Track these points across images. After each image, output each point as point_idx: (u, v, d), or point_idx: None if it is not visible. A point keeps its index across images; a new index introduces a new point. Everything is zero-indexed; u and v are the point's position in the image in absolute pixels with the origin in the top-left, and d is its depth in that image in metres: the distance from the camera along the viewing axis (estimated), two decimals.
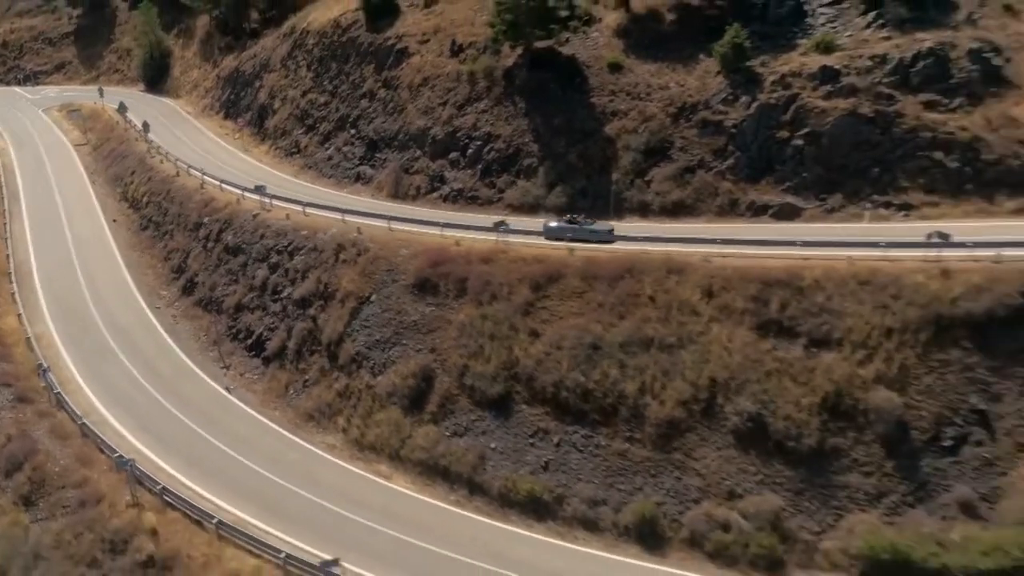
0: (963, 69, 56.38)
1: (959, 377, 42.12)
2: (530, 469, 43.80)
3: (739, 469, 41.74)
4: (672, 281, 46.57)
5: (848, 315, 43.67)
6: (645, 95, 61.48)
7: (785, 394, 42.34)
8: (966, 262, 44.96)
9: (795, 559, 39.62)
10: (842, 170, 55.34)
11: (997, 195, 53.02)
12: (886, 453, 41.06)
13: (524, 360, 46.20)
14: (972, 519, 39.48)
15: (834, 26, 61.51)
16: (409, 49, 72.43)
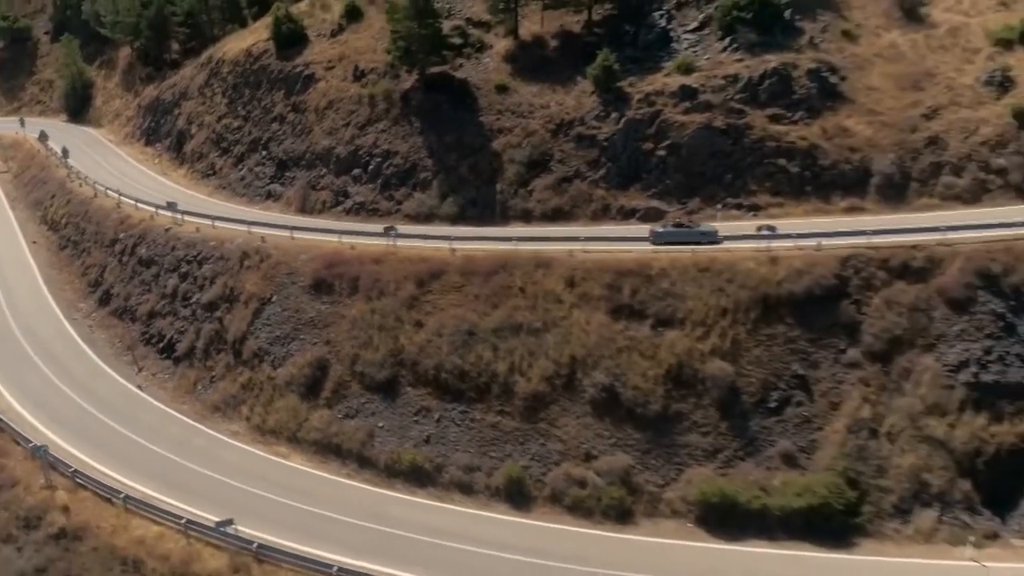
0: (804, 86, 64.40)
1: (783, 348, 49.16)
2: (413, 443, 49.21)
3: (595, 434, 47.80)
4: (540, 274, 52.78)
5: (689, 298, 50.40)
6: (528, 113, 68.05)
7: (634, 367, 48.70)
8: (792, 251, 52.26)
9: (642, 509, 45.72)
10: (700, 177, 62.55)
11: (832, 195, 60.81)
12: (720, 415, 47.68)
13: (409, 347, 51.76)
14: (792, 468, 46.29)
15: (695, 50, 69.12)
16: (316, 75, 78.00)
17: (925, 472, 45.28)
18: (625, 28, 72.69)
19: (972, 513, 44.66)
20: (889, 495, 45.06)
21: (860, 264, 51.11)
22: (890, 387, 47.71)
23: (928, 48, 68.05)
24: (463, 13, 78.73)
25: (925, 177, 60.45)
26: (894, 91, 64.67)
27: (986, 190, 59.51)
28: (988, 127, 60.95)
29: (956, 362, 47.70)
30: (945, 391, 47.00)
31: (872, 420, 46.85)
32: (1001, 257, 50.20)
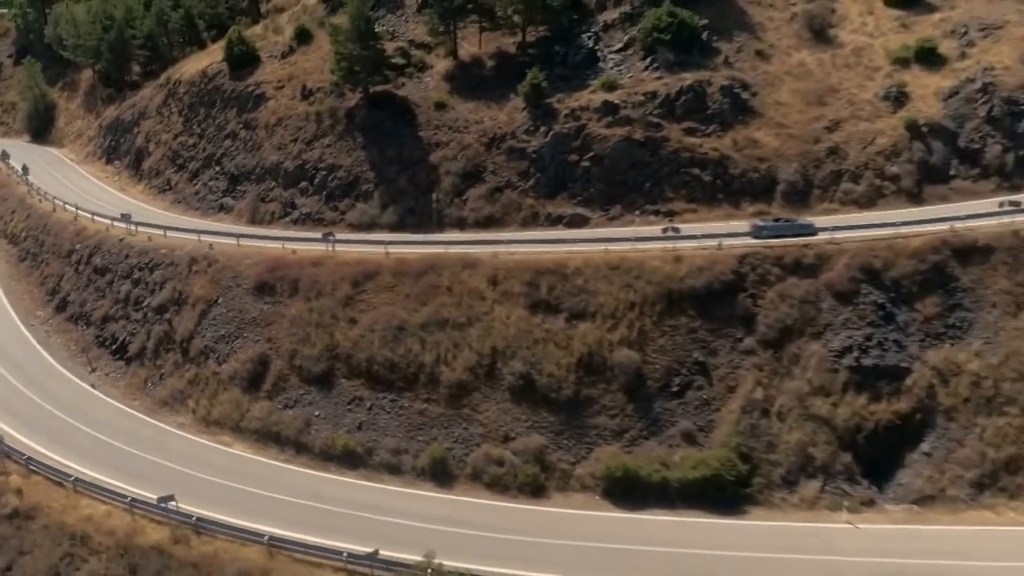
0: (717, 102, 70.00)
1: (685, 338, 54.19)
2: (347, 429, 53.49)
3: (513, 418, 52.36)
4: (466, 274, 57.48)
5: (601, 293, 55.32)
6: (464, 128, 72.98)
7: (549, 357, 53.40)
8: (695, 250, 57.39)
9: (554, 484, 50.30)
10: (621, 185, 67.72)
11: (742, 202, 66.21)
12: (627, 399, 52.49)
13: (344, 342, 56.12)
14: (691, 445, 51.15)
15: (619, 69, 74.59)
16: (266, 94, 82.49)
17: (810, 447, 50.33)
18: (556, 49, 78.05)
19: (852, 483, 49.72)
20: (778, 468, 50.00)
21: (756, 261, 56.39)
22: (781, 371, 52.85)
23: (834, 66, 73.95)
24: (406, 35, 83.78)
25: (826, 184, 66.11)
26: (801, 106, 70.43)
27: (881, 195, 65.26)
28: (884, 138, 66.84)
29: (841, 348, 52.99)
30: (830, 374, 52.22)
31: (764, 401, 51.90)
32: (883, 253, 55.75)
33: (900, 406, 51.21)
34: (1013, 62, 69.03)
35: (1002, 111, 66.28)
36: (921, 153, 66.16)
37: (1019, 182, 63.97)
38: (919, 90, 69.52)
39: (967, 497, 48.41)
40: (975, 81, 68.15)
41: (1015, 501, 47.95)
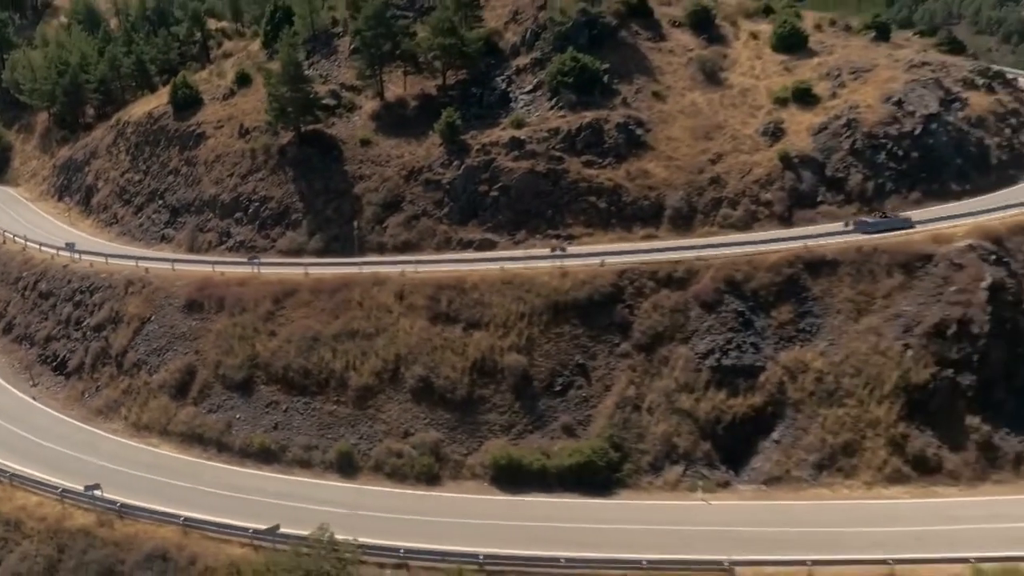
0: (613, 137, 78.12)
1: (568, 343, 61.29)
2: (264, 430, 59.71)
3: (413, 416, 58.91)
4: (376, 290, 64.35)
5: (494, 305, 62.38)
6: (386, 162, 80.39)
7: (446, 361, 60.19)
8: (581, 267, 64.75)
9: (448, 473, 56.80)
10: (526, 213, 75.22)
11: (633, 226, 73.90)
12: (515, 398, 59.34)
13: (264, 353, 62.53)
14: (570, 437, 57.96)
15: (528, 108, 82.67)
16: (207, 133, 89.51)
17: (675, 437, 57.35)
18: (473, 91, 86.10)
19: (711, 468, 56.70)
20: (646, 455, 56.92)
21: (634, 276, 63.86)
22: (652, 372, 60.02)
23: (721, 105, 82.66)
24: (338, 79, 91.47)
25: (708, 210, 74.13)
26: (689, 140, 78.80)
27: (756, 219, 73.33)
28: (760, 168, 75.19)
29: (705, 351, 60.33)
30: (694, 373, 59.47)
31: (636, 398, 58.97)
32: (744, 268, 63.46)
33: (755, 400, 58.46)
34: (876, 101, 78.11)
35: (864, 144, 75.03)
36: (792, 181, 74.52)
37: (878, 206, 72.40)
38: (794, 126, 78.21)
39: (809, 477, 55.52)
40: (841, 118, 76.98)
41: (849, 480, 55.15)
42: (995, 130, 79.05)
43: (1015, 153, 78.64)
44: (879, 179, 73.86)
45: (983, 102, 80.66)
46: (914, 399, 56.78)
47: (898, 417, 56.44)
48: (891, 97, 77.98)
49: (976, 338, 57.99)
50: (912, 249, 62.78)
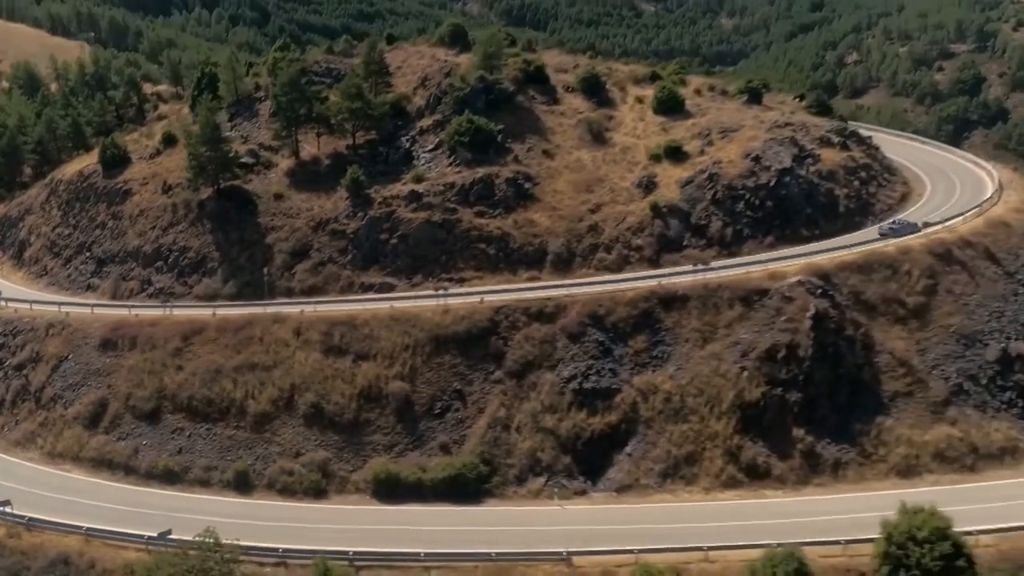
0: (503, 190, 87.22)
1: (448, 372, 69.07)
2: (169, 454, 66.18)
3: (304, 438, 65.90)
4: (276, 327, 71.72)
5: (382, 339, 70.09)
6: (296, 215, 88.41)
7: (336, 389, 67.54)
8: (462, 304, 72.88)
9: (334, 488, 63.70)
10: (422, 259, 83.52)
11: (519, 269, 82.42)
12: (398, 420, 66.74)
13: (171, 385, 69.24)
14: (446, 454, 65.29)
15: (429, 165, 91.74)
16: (133, 189, 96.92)
17: (539, 452, 65.05)
18: (380, 149, 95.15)
19: (570, 478, 64.36)
20: (512, 469, 64.45)
21: (509, 312, 72.16)
22: (521, 396, 67.92)
23: (604, 162, 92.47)
24: (258, 139, 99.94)
25: (586, 254, 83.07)
26: (572, 193, 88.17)
27: (628, 262, 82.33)
28: (633, 217, 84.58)
29: (568, 376, 68.44)
30: (559, 396, 67.46)
31: (506, 419, 66.70)
32: (606, 303, 72.14)
33: (611, 418, 66.52)
34: (737, 157, 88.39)
35: (724, 195, 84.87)
36: (661, 228, 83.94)
37: (735, 249, 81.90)
38: (665, 179, 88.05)
39: (655, 485, 63.44)
40: (706, 172, 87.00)
41: (690, 486, 63.18)
42: (844, 182, 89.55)
43: (862, 202, 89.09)
44: (737, 226, 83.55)
45: (835, 158, 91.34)
46: (748, 415, 65.32)
47: (734, 430, 64.85)
48: (750, 154, 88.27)
49: (802, 361, 66.98)
50: (751, 285, 72.10)
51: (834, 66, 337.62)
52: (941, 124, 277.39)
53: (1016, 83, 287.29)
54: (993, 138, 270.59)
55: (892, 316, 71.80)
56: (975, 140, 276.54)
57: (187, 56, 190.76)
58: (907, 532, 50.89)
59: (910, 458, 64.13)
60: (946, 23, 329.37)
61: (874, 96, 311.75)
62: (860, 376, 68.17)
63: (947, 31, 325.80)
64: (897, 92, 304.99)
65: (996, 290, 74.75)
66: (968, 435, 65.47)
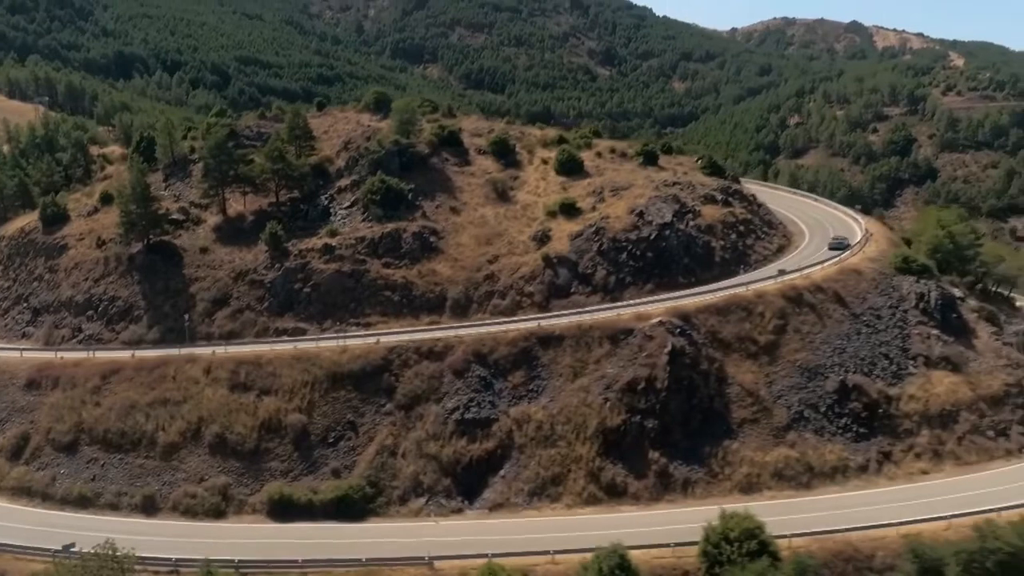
0: (409, 243, 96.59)
1: (343, 405, 77.28)
2: (84, 481, 73.29)
3: (208, 465, 73.45)
4: (188, 366, 79.69)
5: (284, 376, 78.25)
6: (219, 266, 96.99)
7: (240, 421, 75.38)
8: (360, 345, 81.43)
9: (232, 509, 71.08)
10: (333, 306, 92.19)
11: (420, 314, 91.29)
12: (294, 448, 74.62)
13: (88, 419, 76.74)
14: (337, 478, 72.93)
15: (344, 221, 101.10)
16: (70, 244, 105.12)
17: (422, 475, 73.04)
18: (301, 207, 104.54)
19: (449, 499, 72.29)
20: (396, 490, 72.33)
21: (402, 351, 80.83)
22: (408, 426, 76.16)
23: (505, 217, 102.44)
24: (189, 197, 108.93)
25: (482, 300, 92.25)
26: (474, 246, 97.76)
27: (520, 307, 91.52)
28: (527, 267, 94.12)
29: (452, 408, 76.86)
30: (442, 425, 75.75)
31: (393, 446, 74.80)
32: (489, 343, 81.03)
33: (488, 445, 74.82)
34: (623, 213, 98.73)
35: (609, 247, 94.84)
36: (551, 277, 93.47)
37: (617, 295, 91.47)
38: (558, 233, 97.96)
39: (524, 503, 71.56)
40: (594, 226, 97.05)
41: (555, 503, 71.33)
42: (721, 235, 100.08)
43: (738, 252, 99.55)
44: (620, 274, 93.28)
45: (715, 213, 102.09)
46: (609, 440, 74.02)
47: (596, 454, 73.42)
48: (636, 210, 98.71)
49: (659, 392, 76.06)
50: (619, 325, 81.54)
51: (777, 128, 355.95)
52: (875, 183, 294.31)
53: (944, 144, 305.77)
54: (923, 195, 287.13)
55: (745, 352, 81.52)
56: (907, 197, 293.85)
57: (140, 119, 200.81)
58: (721, 533, 59.82)
59: (752, 476, 73.08)
60: (881, 87, 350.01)
61: (813, 156, 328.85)
62: (712, 405, 77.44)
63: (882, 95, 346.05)
64: (835, 152, 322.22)
65: (841, 329, 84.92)
66: (805, 456, 74.69)
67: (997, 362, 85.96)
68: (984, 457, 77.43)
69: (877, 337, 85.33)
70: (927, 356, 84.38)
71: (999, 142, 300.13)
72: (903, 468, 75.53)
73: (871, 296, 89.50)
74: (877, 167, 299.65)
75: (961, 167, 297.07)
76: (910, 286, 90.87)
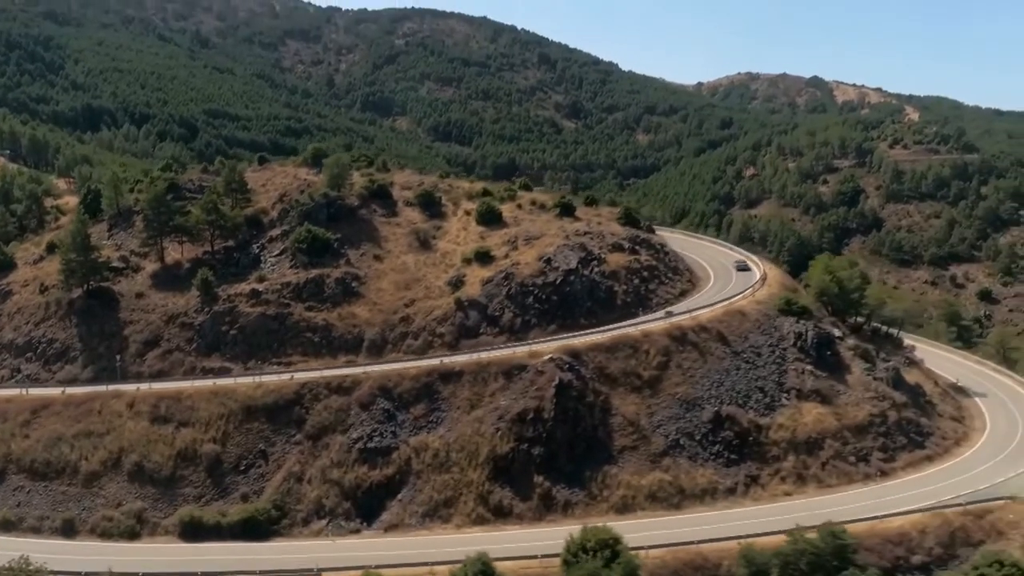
0: (331, 288, 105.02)
1: (255, 435, 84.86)
2: (9, 507, 79.98)
3: (126, 491, 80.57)
4: (113, 401, 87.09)
5: (202, 409, 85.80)
6: (152, 310, 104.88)
7: (158, 451, 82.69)
8: (274, 380, 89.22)
9: (147, 531, 78.04)
10: (257, 346, 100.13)
11: (339, 354, 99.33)
12: (207, 475, 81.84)
13: (17, 450, 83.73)
14: (246, 502, 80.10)
15: (273, 267, 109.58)
16: (14, 291, 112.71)
17: (324, 499, 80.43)
18: (234, 255, 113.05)
19: (348, 520, 79.59)
20: (300, 513, 79.69)
21: (313, 386, 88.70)
22: (315, 454, 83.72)
23: (425, 264, 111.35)
24: (130, 246, 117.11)
25: (396, 340, 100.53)
26: (393, 290, 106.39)
27: (432, 347, 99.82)
28: (440, 310, 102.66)
29: (356, 437, 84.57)
30: (346, 454, 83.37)
31: (300, 473, 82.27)
32: (394, 378, 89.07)
33: (388, 471, 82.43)
34: (532, 260, 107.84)
35: (517, 291, 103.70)
36: (462, 319, 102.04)
37: (523, 335, 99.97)
38: (471, 279, 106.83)
39: (417, 523, 78.98)
40: (504, 272, 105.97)
41: (445, 524, 78.77)
42: (625, 280, 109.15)
43: (639, 296, 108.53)
44: (526, 316, 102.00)
45: (621, 260, 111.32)
46: (499, 465, 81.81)
47: (486, 479, 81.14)
48: (544, 257, 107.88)
49: (546, 422, 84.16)
50: (514, 362, 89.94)
51: (733, 179, 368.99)
52: (823, 232, 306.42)
53: (890, 195, 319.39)
54: (869, 244, 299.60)
55: (629, 386, 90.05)
56: (854, 246, 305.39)
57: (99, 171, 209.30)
58: (580, 544, 67.54)
59: (627, 498, 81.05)
60: (831, 140, 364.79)
61: (766, 207, 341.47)
62: (596, 434, 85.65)
63: (832, 148, 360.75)
64: (786, 203, 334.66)
65: (721, 365, 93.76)
66: (677, 479, 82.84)
67: (865, 395, 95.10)
68: (844, 480, 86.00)
69: (755, 372, 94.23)
70: (799, 389, 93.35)
71: (941, 193, 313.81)
72: (768, 490, 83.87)
73: (753, 335, 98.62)
74: (826, 217, 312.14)
75: (905, 217, 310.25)
76: (790, 326, 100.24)
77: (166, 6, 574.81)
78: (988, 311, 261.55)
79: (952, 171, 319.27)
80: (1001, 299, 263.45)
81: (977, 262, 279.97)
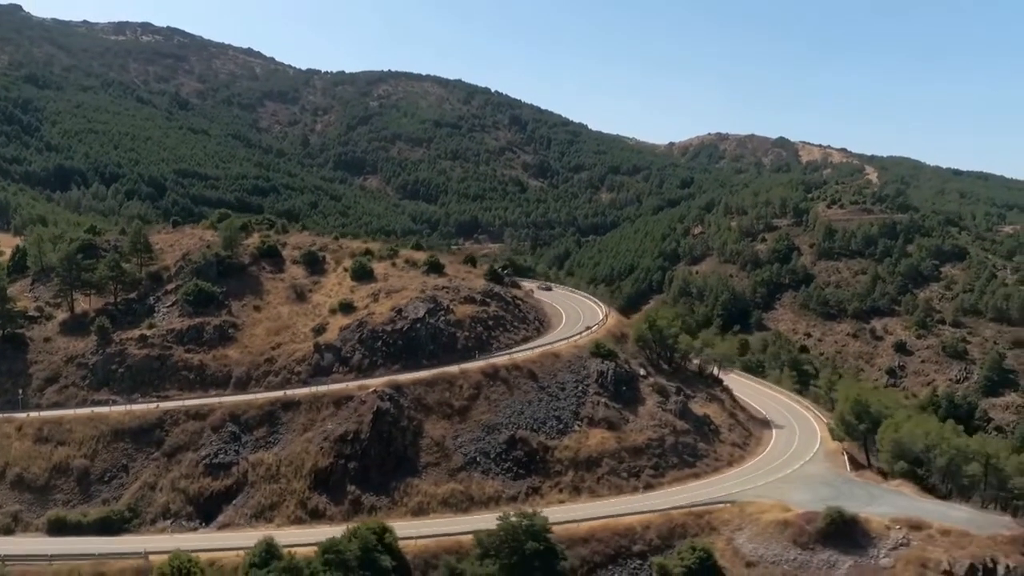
0: (209, 333, 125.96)
1: (120, 453, 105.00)
2: None
3: (7, 497, 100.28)
4: (6, 425, 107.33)
5: (77, 431, 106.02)
6: (55, 352, 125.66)
7: (36, 464, 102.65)
8: (142, 409, 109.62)
9: (20, 528, 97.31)
10: (141, 383, 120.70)
11: (210, 388, 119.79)
12: (76, 485, 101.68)
13: None
14: (106, 506, 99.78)
15: (164, 316, 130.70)
16: None
17: (171, 504, 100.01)
18: (133, 306, 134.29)
19: (190, 521, 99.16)
20: (150, 514, 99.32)
21: (174, 413, 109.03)
22: (170, 468, 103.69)
23: (298, 314, 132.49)
24: (46, 298, 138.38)
25: (259, 377, 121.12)
26: (264, 336, 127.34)
27: (289, 383, 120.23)
28: (300, 351, 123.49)
29: (205, 455, 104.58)
30: (195, 468, 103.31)
31: (154, 483, 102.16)
32: (243, 407, 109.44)
33: (228, 482, 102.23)
34: (387, 310, 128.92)
35: (368, 336, 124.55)
36: (318, 359, 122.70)
37: (370, 374, 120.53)
38: (332, 325, 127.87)
39: (245, 522, 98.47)
40: (359, 320, 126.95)
41: (269, 523, 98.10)
42: (468, 328, 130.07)
43: (480, 341, 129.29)
44: (374, 357, 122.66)
45: (468, 311, 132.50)
46: (319, 477, 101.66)
47: (307, 487, 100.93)
48: (396, 307, 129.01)
49: (363, 442, 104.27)
50: (345, 393, 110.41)
51: (680, 236, 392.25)
52: (756, 287, 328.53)
53: (821, 252, 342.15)
54: (799, 299, 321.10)
55: (442, 414, 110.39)
56: (785, 301, 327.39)
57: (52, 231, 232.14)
58: (352, 531, 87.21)
59: (423, 503, 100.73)
60: (773, 200, 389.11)
61: (708, 263, 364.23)
62: (406, 453, 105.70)
63: (773, 207, 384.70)
64: (726, 260, 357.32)
65: (525, 397, 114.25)
66: (469, 489, 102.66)
67: (649, 423, 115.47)
68: (615, 492, 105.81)
69: (556, 403, 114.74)
70: (591, 417, 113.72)
71: (869, 251, 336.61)
72: (546, 499, 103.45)
73: (562, 373, 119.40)
74: (759, 273, 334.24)
75: (835, 273, 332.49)
76: (596, 366, 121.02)
77: (148, 69, 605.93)
78: (902, 362, 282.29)
79: (880, 230, 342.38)
80: (914, 351, 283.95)
81: (896, 315, 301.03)
